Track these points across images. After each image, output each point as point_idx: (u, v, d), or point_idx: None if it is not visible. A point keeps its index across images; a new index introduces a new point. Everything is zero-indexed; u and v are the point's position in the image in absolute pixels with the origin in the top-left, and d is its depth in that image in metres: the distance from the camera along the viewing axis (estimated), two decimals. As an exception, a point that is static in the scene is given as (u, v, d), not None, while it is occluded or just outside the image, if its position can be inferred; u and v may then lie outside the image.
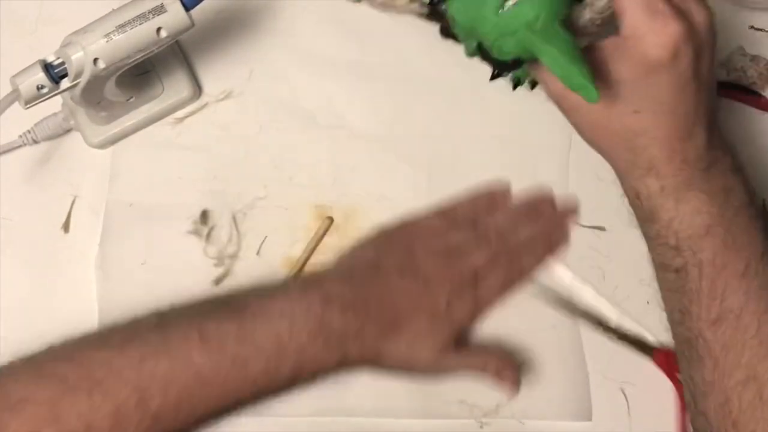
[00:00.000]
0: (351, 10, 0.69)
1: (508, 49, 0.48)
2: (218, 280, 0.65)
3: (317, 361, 0.53)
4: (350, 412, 0.64)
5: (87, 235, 0.66)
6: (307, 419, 0.64)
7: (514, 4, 0.47)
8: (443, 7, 0.52)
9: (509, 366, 0.60)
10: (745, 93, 0.68)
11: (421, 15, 0.53)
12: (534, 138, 0.68)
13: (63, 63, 0.55)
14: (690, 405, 0.55)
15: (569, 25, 0.49)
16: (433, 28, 0.69)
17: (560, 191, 0.67)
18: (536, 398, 0.64)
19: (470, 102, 0.69)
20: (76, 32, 0.55)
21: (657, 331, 0.66)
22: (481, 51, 0.50)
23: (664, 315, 0.66)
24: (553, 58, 0.46)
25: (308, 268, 0.66)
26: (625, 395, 0.65)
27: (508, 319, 0.65)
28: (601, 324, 0.55)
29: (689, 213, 0.52)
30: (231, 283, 0.65)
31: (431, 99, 0.68)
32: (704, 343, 0.52)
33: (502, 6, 0.47)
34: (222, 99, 0.68)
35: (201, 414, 0.51)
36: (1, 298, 0.65)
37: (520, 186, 0.66)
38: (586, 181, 0.67)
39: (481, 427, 0.64)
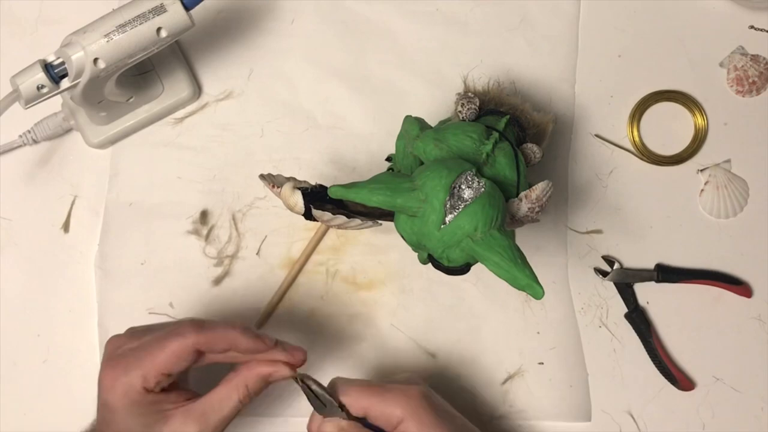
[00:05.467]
0: (351, 11, 0.69)
1: (455, 258, 0.51)
2: (218, 280, 0.65)
3: None
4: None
5: (87, 234, 0.66)
6: (307, 419, 0.64)
7: (454, 218, 0.49)
8: None
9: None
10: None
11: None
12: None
13: (63, 63, 0.55)
14: None
15: (510, 218, 0.52)
16: (436, 32, 0.69)
17: (561, 191, 0.67)
18: (536, 398, 0.65)
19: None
20: (76, 32, 0.55)
21: (655, 330, 0.66)
22: (432, 260, 0.53)
23: (660, 313, 0.66)
24: (496, 264, 0.48)
25: (307, 267, 0.66)
26: (625, 396, 0.65)
27: (508, 321, 0.66)
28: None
29: None
30: (231, 284, 0.65)
31: (431, 98, 0.68)
32: None
33: (443, 221, 0.50)
34: (222, 99, 0.68)
35: None
36: (1, 298, 0.65)
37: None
38: (586, 181, 0.68)
39: (488, 425, 0.64)
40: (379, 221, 0.56)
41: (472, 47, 0.69)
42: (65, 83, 0.56)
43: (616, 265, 0.66)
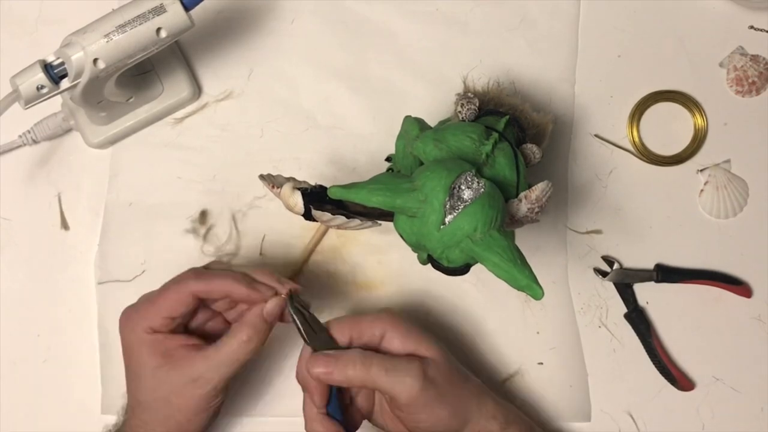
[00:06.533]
0: (351, 11, 0.69)
1: (454, 258, 0.51)
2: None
3: None
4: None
5: (87, 234, 0.66)
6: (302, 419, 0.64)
7: (453, 218, 0.49)
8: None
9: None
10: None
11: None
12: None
13: (63, 63, 0.55)
14: None
15: (510, 218, 0.52)
16: (436, 32, 0.69)
17: (561, 191, 0.67)
18: (536, 398, 0.65)
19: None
20: (76, 32, 0.54)
21: (655, 330, 0.66)
22: (432, 260, 0.53)
23: (660, 313, 0.66)
24: (495, 264, 0.48)
25: (307, 268, 0.66)
26: (625, 396, 0.65)
27: (508, 321, 0.66)
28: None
29: None
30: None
31: (431, 98, 0.68)
32: None
33: (442, 222, 0.50)
34: (222, 99, 0.68)
35: None
36: (1, 298, 0.65)
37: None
38: (586, 181, 0.68)
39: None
40: (379, 221, 0.56)
41: (472, 47, 0.69)
42: (65, 83, 0.56)
43: (616, 265, 0.66)
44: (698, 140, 0.68)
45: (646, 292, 0.66)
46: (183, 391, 0.54)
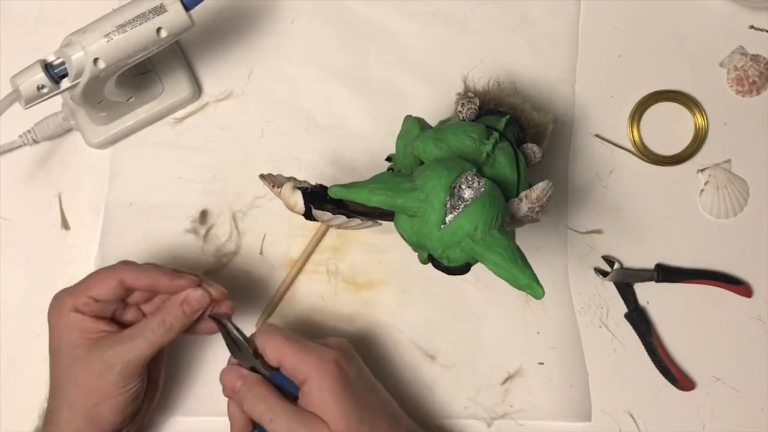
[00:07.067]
0: (351, 11, 0.69)
1: (455, 258, 0.51)
2: (217, 280, 0.65)
3: None
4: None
5: (87, 234, 0.66)
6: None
7: (454, 218, 0.49)
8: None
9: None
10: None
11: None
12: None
13: (63, 63, 0.55)
14: None
15: (510, 217, 0.52)
16: (436, 32, 0.69)
17: (561, 191, 0.67)
18: (536, 398, 0.65)
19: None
20: (76, 32, 0.55)
21: (655, 330, 0.66)
22: (432, 260, 0.53)
23: (660, 313, 0.66)
24: (496, 263, 0.48)
25: (307, 267, 0.66)
26: (625, 396, 0.65)
27: (508, 321, 0.66)
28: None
29: None
30: (230, 283, 0.65)
31: (431, 98, 0.68)
32: None
33: (443, 221, 0.50)
34: (222, 99, 0.68)
35: None
36: (1, 298, 0.65)
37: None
38: (586, 181, 0.68)
39: (489, 426, 0.64)
40: (379, 221, 0.56)
41: (472, 47, 0.69)
42: (65, 83, 0.56)
43: (616, 265, 0.66)
44: (698, 140, 0.68)
45: (646, 292, 0.66)
46: (92, 372, 0.53)
